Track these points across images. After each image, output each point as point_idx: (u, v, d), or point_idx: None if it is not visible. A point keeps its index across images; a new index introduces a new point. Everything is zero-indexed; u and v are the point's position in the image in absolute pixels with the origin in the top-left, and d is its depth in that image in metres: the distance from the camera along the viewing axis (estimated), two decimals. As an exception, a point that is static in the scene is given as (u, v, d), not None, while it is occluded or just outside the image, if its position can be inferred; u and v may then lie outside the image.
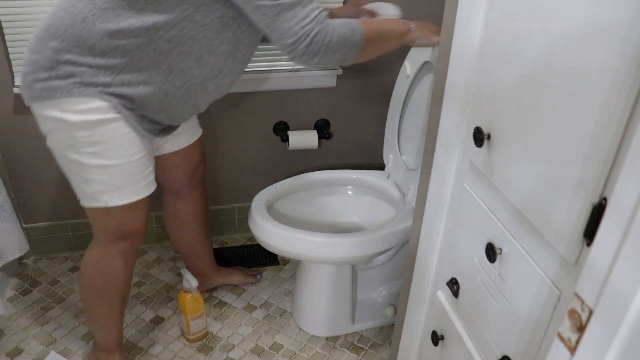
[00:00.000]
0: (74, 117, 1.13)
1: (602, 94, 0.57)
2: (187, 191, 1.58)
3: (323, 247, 1.41)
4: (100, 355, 1.48)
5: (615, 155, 0.57)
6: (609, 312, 0.52)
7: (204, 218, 1.66)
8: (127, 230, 1.30)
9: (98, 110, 1.13)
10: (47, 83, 1.12)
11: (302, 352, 1.60)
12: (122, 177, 1.21)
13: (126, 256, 1.34)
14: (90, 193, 1.23)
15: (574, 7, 0.62)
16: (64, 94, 1.12)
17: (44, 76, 1.12)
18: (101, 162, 1.18)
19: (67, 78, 1.11)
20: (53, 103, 1.14)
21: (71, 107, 1.13)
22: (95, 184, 1.21)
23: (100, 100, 1.13)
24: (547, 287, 0.72)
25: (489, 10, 0.81)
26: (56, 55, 1.11)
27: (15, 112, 1.68)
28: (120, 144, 1.18)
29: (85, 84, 1.12)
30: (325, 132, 1.90)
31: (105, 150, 1.17)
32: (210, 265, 1.77)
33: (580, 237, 0.63)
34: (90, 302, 1.41)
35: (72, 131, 1.15)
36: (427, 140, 1.07)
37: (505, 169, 0.78)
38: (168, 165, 1.49)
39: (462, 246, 0.96)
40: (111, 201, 1.23)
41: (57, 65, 1.11)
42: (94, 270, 1.35)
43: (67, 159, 1.20)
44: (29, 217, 1.86)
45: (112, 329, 1.44)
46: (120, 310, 1.42)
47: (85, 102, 1.13)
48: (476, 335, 0.93)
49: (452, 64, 0.92)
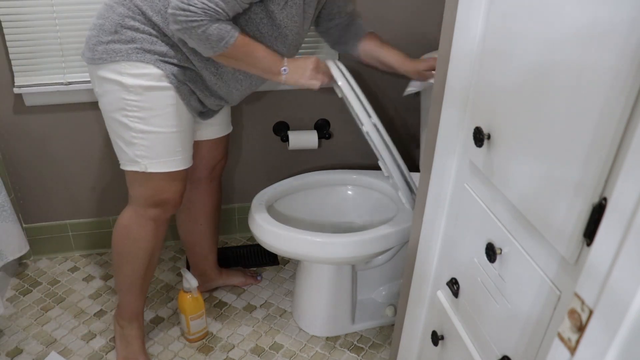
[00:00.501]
0: (130, 80, 1.22)
1: (602, 94, 0.57)
2: (205, 183, 1.63)
3: (323, 247, 1.41)
4: (121, 322, 1.53)
5: (615, 155, 0.57)
6: (609, 312, 0.52)
7: (214, 215, 1.70)
8: (162, 198, 1.36)
9: (152, 77, 1.23)
10: (109, 46, 1.22)
11: (302, 352, 1.60)
12: (162, 146, 1.29)
13: (157, 223, 1.40)
14: (132, 156, 1.30)
15: (574, 7, 0.61)
16: (123, 57, 1.21)
17: (108, 39, 1.22)
18: (146, 128, 1.26)
19: (128, 43, 1.21)
20: (112, 66, 1.23)
21: (128, 71, 1.22)
22: (137, 148, 1.28)
23: (155, 67, 1.22)
24: (547, 287, 0.72)
25: (489, 11, 0.81)
26: (121, 20, 1.21)
27: (15, 112, 1.68)
28: (166, 112, 1.26)
29: (144, 50, 1.21)
30: (325, 132, 1.90)
31: (151, 116, 1.25)
32: (212, 266, 1.78)
33: (580, 237, 0.63)
34: (117, 264, 1.46)
35: (125, 94, 1.23)
36: (427, 140, 1.07)
37: (505, 169, 0.78)
38: (195, 152, 1.52)
39: (462, 246, 0.96)
40: (151, 167, 1.30)
41: (121, 30, 1.21)
42: (124, 232, 1.41)
43: (115, 121, 1.28)
44: (29, 217, 1.87)
45: (134, 296, 1.48)
46: (143, 278, 1.46)
47: (142, 67, 1.22)
48: (476, 335, 0.93)
49: (452, 64, 0.92)
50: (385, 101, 1.91)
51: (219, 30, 1.15)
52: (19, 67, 1.60)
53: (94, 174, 1.85)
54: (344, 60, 1.53)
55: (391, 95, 1.90)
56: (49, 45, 1.58)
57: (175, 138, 1.30)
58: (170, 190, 1.36)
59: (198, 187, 1.63)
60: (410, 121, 1.96)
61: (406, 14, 1.76)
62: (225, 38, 1.16)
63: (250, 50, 1.22)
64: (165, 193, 1.36)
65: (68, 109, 1.70)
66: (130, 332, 1.51)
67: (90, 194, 1.87)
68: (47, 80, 1.63)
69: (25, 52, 1.58)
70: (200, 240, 1.71)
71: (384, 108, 1.92)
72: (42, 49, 1.59)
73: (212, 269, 1.77)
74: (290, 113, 1.89)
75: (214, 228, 1.72)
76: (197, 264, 1.75)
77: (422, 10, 1.76)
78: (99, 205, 1.89)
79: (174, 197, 1.38)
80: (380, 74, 1.85)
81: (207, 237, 1.71)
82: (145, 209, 1.37)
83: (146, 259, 1.43)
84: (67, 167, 1.81)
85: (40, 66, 1.61)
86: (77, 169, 1.82)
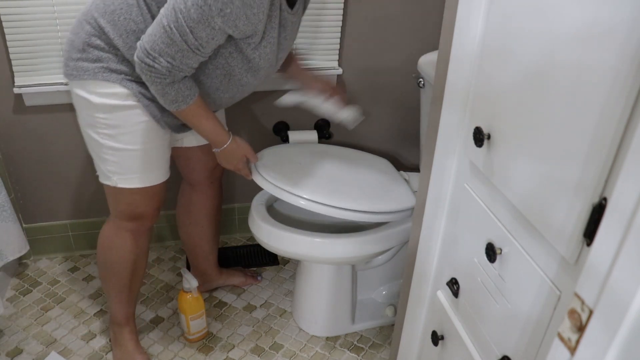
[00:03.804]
0: (96, 99, 1.22)
1: (602, 94, 0.57)
2: (204, 186, 1.62)
3: (323, 247, 1.41)
4: (113, 327, 1.54)
5: (615, 155, 0.57)
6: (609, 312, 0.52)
7: (215, 217, 1.70)
8: (136, 212, 1.36)
9: (118, 96, 1.21)
10: (77, 63, 1.21)
11: (302, 352, 1.60)
12: (132, 162, 1.28)
13: (136, 235, 1.40)
14: (104, 171, 1.30)
15: (574, 7, 0.61)
16: (90, 76, 1.21)
17: (76, 57, 1.21)
18: (115, 145, 1.25)
19: (94, 62, 1.20)
20: (81, 83, 1.23)
21: (95, 90, 1.21)
22: (108, 164, 1.29)
23: (121, 87, 1.21)
24: (547, 287, 0.72)
25: (489, 10, 0.81)
26: (88, 38, 1.19)
27: (15, 112, 1.68)
28: (135, 130, 1.25)
29: (110, 69, 1.20)
30: (325, 132, 1.90)
31: (120, 134, 1.25)
32: (213, 266, 1.78)
33: (580, 237, 0.63)
34: (102, 274, 1.48)
35: (93, 111, 1.23)
36: (427, 140, 1.07)
37: (505, 169, 0.78)
38: (190, 157, 1.54)
39: (462, 246, 0.96)
40: (121, 182, 1.30)
41: (88, 48, 1.20)
42: (106, 244, 1.42)
43: (88, 136, 1.29)
44: (29, 217, 1.86)
45: (122, 303, 1.49)
46: (129, 287, 1.46)
47: (108, 86, 1.21)
48: (476, 335, 0.93)
49: (452, 64, 0.92)
50: (386, 101, 1.91)
51: (176, 93, 1.17)
52: (19, 67, 1.60)
53: (94, 174, 1.85)
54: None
55: (391, 94, 1.90)
56: (49, 45, 1.58)
57: (146, 155, 1.29)
58: (144, 205, 1.36)
59: (198, 190, 1.62)
60: (410, 121, 1.96)
61: (406, 14, 1.76)
62: (179, 102, 1.19)
63: (197, 120, 1.26)
64: (139, 208, 1.36)
65: (68, 109, 1.70)
66: (123, 335, 1.52)
67: (90, 194, 1.87)
68: (47, 80, 1.63)
69: (25, 52, 1.58)
70: (201, 242, 1.71)
71: (384, 108, 1.92)
72: (42, 49, 1.59)
73: (212, 269, 1.77)
74: (290, 113, 1.89)
75: (214, 229, 1.72)
76: (198, 264, 1.75)
77: (422, 10, 1.76)
78: (99, 205, 1.89)
79: (148, 211, 1.37)
80: (381, 74, 1.85)
81: (207, 238, 1.71)
82: (122, 222, 1.38)
83: (130, 269, 1.43)
84: (67, 167, 1.80)
85: (40, 66, 1.61)
86: (77, 169, 1.82)
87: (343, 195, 1.39)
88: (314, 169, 1.50)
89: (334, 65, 1.80)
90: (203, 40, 1.08)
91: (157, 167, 1.33)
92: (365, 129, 1.96)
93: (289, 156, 1.57)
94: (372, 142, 1.99)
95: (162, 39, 1.08)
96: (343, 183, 1.45)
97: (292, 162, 1.53)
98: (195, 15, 1.04)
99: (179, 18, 1.05)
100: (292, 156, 1.57)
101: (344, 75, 1.83)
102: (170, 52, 1.09)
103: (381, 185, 1.49)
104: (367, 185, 1.48)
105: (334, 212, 1.36)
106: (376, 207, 1.39)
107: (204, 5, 1.02)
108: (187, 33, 1.06)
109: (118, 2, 1.16)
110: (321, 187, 1.40)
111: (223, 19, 1.05)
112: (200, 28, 1.06)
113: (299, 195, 1.37)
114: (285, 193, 1.38)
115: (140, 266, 1.46)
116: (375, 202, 1.41)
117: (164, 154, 1.34)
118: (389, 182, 1.52)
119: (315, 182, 1.42)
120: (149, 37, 1.10)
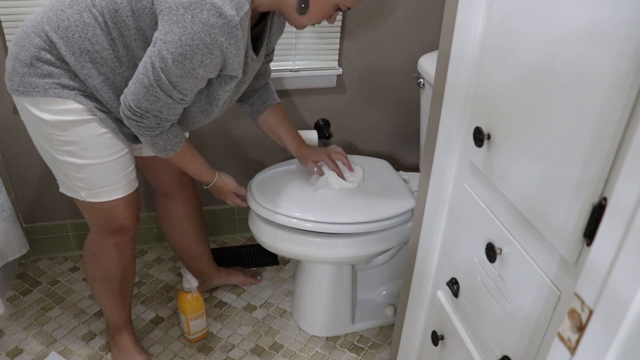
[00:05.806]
0: (49, 116, 1.14)
1: (602, 94, 0.57)
2: (176, 192, 1.59)
3: (323, 247, 1.41)
4: (110, 333, 1.54)
5: (615, 155, 0.57)
6: (609, 312, 0.52)
7: (196, 218, 1.66)
8: (115, 225, 1.31)
9: (74, 112, 1.14)
10: (24, 79, 1.12)
11: (302, 352, 1.60)
12: (98, 176, 1.22)
13: (119, 246, 1.36)
14: (70, 185, 1.24)
15: (574, 7, 0.61)
16: (40, 93, 1.12)
17: (23, 71, 1.12)
18: (77, 161, 1.19)
19: (44, 77, 1.11)
20: (30, 99, 1.14)
21: (47, 107, 1.13)
22: (73, 179, 1.22)
23: (75, 102, 1.14)
24: (547, 287, 0.72)
25: (489, 11, 0.81)
26: (37, 52, 1.10)
27: (15, 112, 1.68)
28: (96, 143, 1.19)
29: (62, 85, 1.12)
30: (325, 132, 1.90)
31: (80, 149, 1.18)
32: (209, 265, 1.77)
33: (580, 237, 0.63)
34: (91, 285, 1.46)
35: (49, 129, 1.16)
36: (427, 140, 1.07)
37: (505, 169, 0.78)
38: (154, 167, 1.50)
39: (462, 246, 0.96)
40: (90, 197, 1.24)
41: (37, 63, 1.11)
42: (91, 257, 1.39)
43: (45, 151, 1.21)
44: (29, 217, 1.86)
45: (115, 310, 1.48)
46: (120, 296, 1.45)
47: (61, 103, 1.13)
48: (476, 335, 0.93)
49: (452, 64, 0.92)
50: (386, 101, 1.91)
51: (164, 142, 1.18)
52: (19, 67, 1.60)
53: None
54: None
55: (391, 95, 1.90)
56: (49, 45, 1.58)
57: (113, 166, 1.22)
58: (122, 217, 1.30)
59: (171, 198, 1.59)
60: (410, 121, 1.96)
61: (406, 14, 1.76)
62: (167, 150, 1.20)
63: (183, 164, 1.29)
64: (118, 220, 1.30)
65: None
66: (121, 338, 1.52)
67: (90, 194, 1.87)
68: (47, 80, 1.63)
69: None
70: (190, 245, 1.69)
71: (384, 108, 1.92)
72: (42, 49, 1.58)
73: (209, 268, 1.77)
74: (290, 113, 1.88)
75: (199, 231, 1.69)
76: (193, 265, 1.74)
77: (422, 10, 1.76)
78: (99, 205, 1.89)
79: (127, 222, 1.32)
80: (381, 74, 1.85)
81: (195, 240, 1.69)
82: (102, 236, 1.33)
83: (118, 279, 1.41)
84: (67, 167, 1.80)
85: (40, 66, 1.61)
86: (77, 169, 1.82)
87: (344, 210, 1.39)
88: (309, 187, 1.48)
89: (334, 65, 1.80)
90: (187, 90, 1.09)
91: (127, 175, 1.26)
92: (365, 129, 1.96)
93: (284, 178, 1.53)
94: (371, 142, 1.99)
95: (146, 97, 1.07)
96: (341, 196, 1.45)
97: (288, 182, 1.51)
98: (177, 72, 1.03)
99: (162, 77, 1.04)
100: (288, 176, 1.54)
101: (344, 75, 1.83)
102: (157, 108, 1.10)
103: (380, 191, 1.49)
104: (366, 192, 1.47)
105: (337, 228, 1.37)
106: (376, 215, 1.39)
107: (184, 60, 1.02)
108: (171, 89, 1.07)
109: (73, 19, 1.08)
110: (322, 204, 1.40)
111: (205, 69, 1.05)
112: (183, 81, 1.06)
113: (304, 219, 1.37)
114: (284, 218, 1.38)
115: (129, 273, 1.44)
116: (375, 210, 1.40)
117: (130, 163, 1.28)
118: (387, 186, 1.52)
119: (314, 201, 1.42)
120: (132, 96, 1.08)
